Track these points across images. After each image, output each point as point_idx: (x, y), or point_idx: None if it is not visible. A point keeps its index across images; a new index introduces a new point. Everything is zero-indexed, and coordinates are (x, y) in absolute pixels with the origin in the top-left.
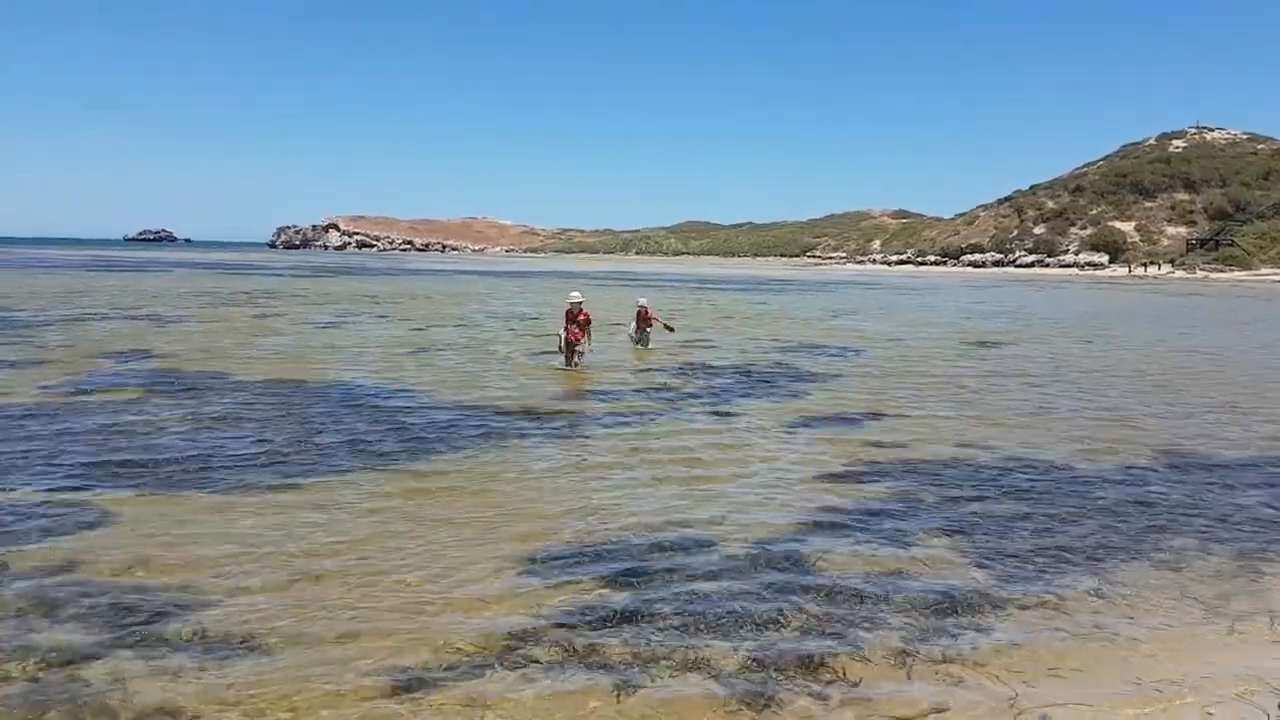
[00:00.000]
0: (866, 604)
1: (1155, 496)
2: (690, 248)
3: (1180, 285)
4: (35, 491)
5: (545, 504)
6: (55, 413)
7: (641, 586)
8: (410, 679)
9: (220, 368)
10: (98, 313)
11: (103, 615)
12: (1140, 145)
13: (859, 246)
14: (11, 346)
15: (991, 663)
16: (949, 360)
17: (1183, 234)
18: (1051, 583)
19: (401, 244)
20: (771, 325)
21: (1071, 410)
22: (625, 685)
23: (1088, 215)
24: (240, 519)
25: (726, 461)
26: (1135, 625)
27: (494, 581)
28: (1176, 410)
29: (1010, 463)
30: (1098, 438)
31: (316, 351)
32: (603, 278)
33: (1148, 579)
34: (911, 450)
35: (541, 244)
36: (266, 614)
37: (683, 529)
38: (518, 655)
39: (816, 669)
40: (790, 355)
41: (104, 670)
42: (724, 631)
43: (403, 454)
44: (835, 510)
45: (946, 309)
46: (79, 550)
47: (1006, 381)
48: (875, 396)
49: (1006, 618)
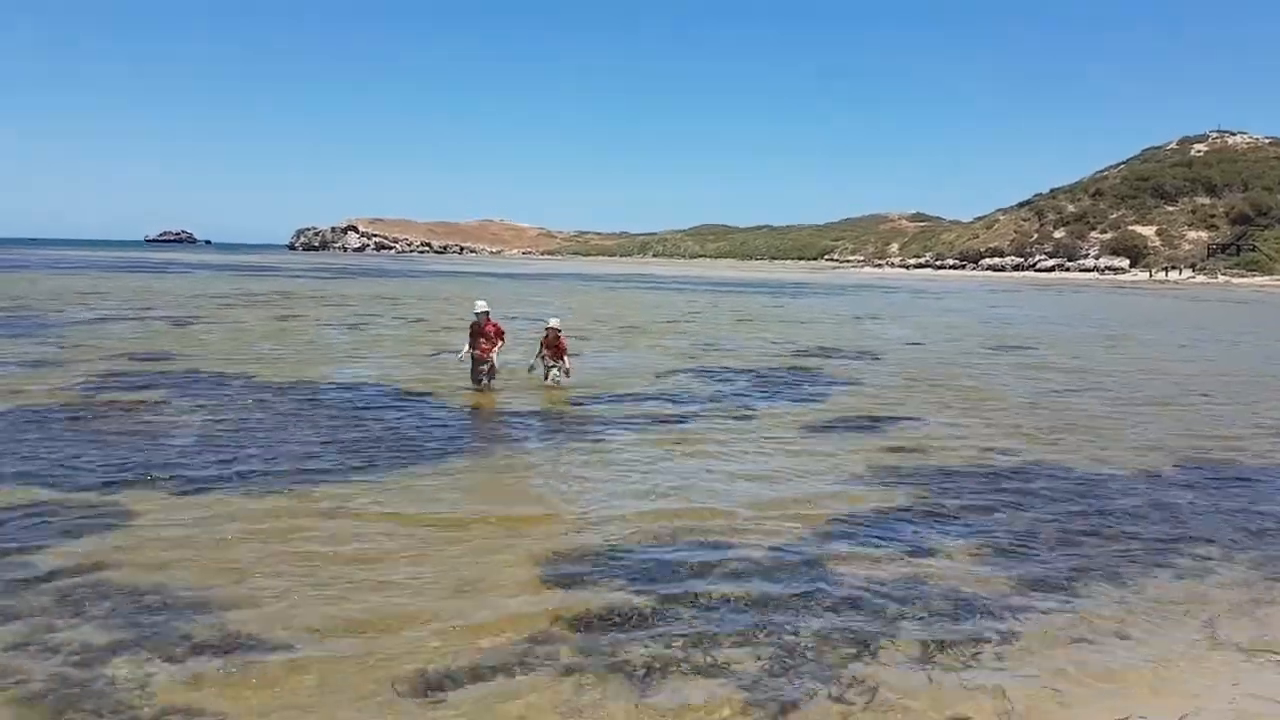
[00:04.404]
0: (886, 610)
1: (1181, 505)
2: (707, 250)
3: (1203, 290)
4: (58, 492)
5: (563, 507)
6: (76, 413)
7: (660, 590)
8: (430, 681)
9: (240, 369)
10: (118, 313)
11: (125, 615)
12: (1161, 149)
13: (877, 250)
14: (33, 347)
15: (1014, 670)
16: (969, 365)
17: (1204, 238)
18: (1075, 592)
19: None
20: (790, 328)
21: (1095, 416)
22: (644, 689)
23: (1108, 219)
24: (261, 520)
25: (745, 465)
26: (1159, 635)
27: (513, 584)
28: (1204, 419)
29: (1032, 469)
30: (1122, 444)
31: (336, 353)
32: (620, 280)
33: (1172, 589)
34: (931, 456)
35: (558, 246)
36: (288, 615)
37: (701, 533)
38: (537, 658)
39: (836, 675)
40: (809, 359)
41: (126, 670)
42: (743, 636)
43: (422, 456)
44: (854, 515)
45: (966, 313)
46: (101, 551)
47: (1028, 387)
48: (895, 401)
49: (1029, 626)
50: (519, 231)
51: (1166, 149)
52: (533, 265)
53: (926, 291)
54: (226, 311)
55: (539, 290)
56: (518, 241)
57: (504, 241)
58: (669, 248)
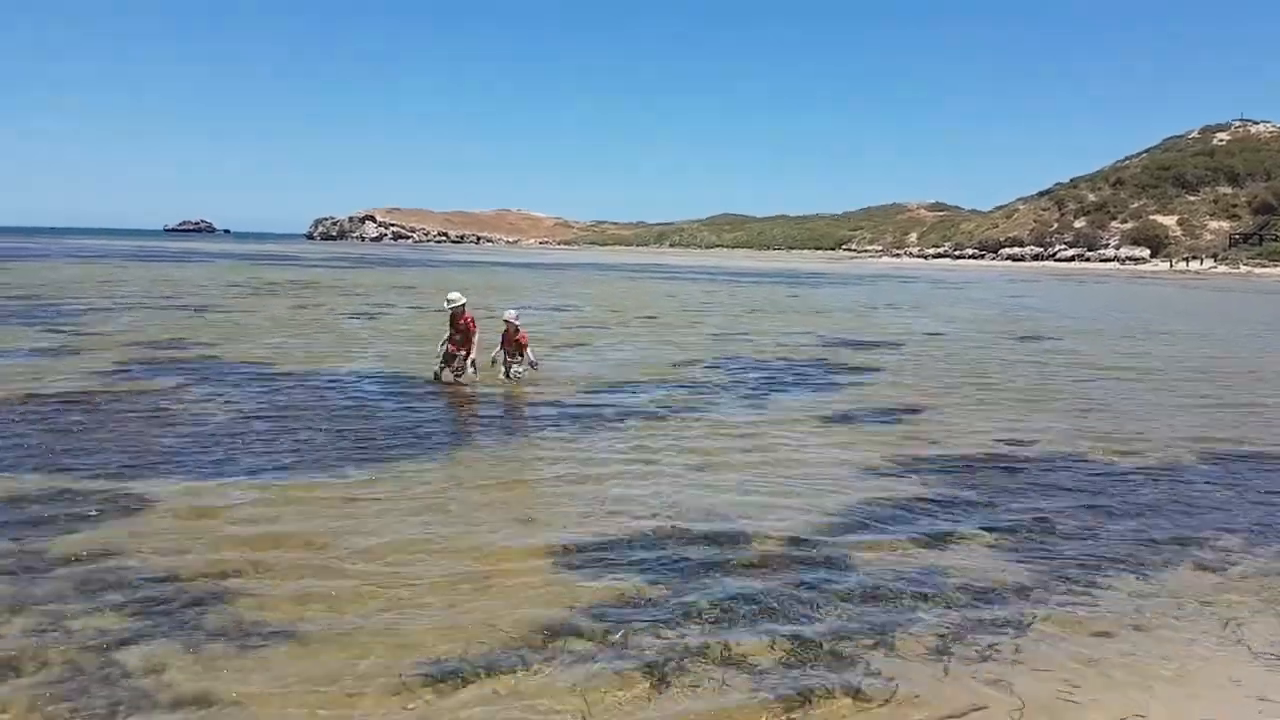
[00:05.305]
0: (903, 601)
1: (1200, 497)
2: (724, 240)
3: (1226, 280)
4: (75, 478)
5: (580, 495)
6: (94, 400)
7: (675, 581)
8: (446, 669)
9: (259, 357)
10: (137, 302)
11: (140, 602)
12: (1183, 138)
13: (895, 240)
14: (53, 334)
15: (1031, 662)
16: (989, 355)
17: (1225, 228)
18: (1094, 582)
19: (436, 235)
20: (808, 319)
21: (1117, 407)
22: (660, 679)
23: (1129, 209)
24: (277, 508)
25: (763, 455)
26: (1179, 627)
27: (529, 572)
28: (1228, 408)
29: (1052, 460)
30: (1145, 436)
31: (355, 342)
32: (637, 270)
33: (1191, 580)
34: (950, 446)
35: (575, 236)
36: (303, 603)
37: (718, 523)
38: (553, 646)
39: (853, 666)
40: (828, 349)
41: (141, 657)
42: (759, 627)
43: (440, 445)
44: (872, 506)
45: (986, 303)
46: (118, 537)
47: (1048, 377)
48: (914, 391)
49: (1047, 617)
50: (536, 221)
51: (1188, 138)
52: (549, 255)
53: (945, 281)
54: (245, 300)
55: (556, 280)
56: (534, 231)
57: (521, 231)
58: (686, 238)
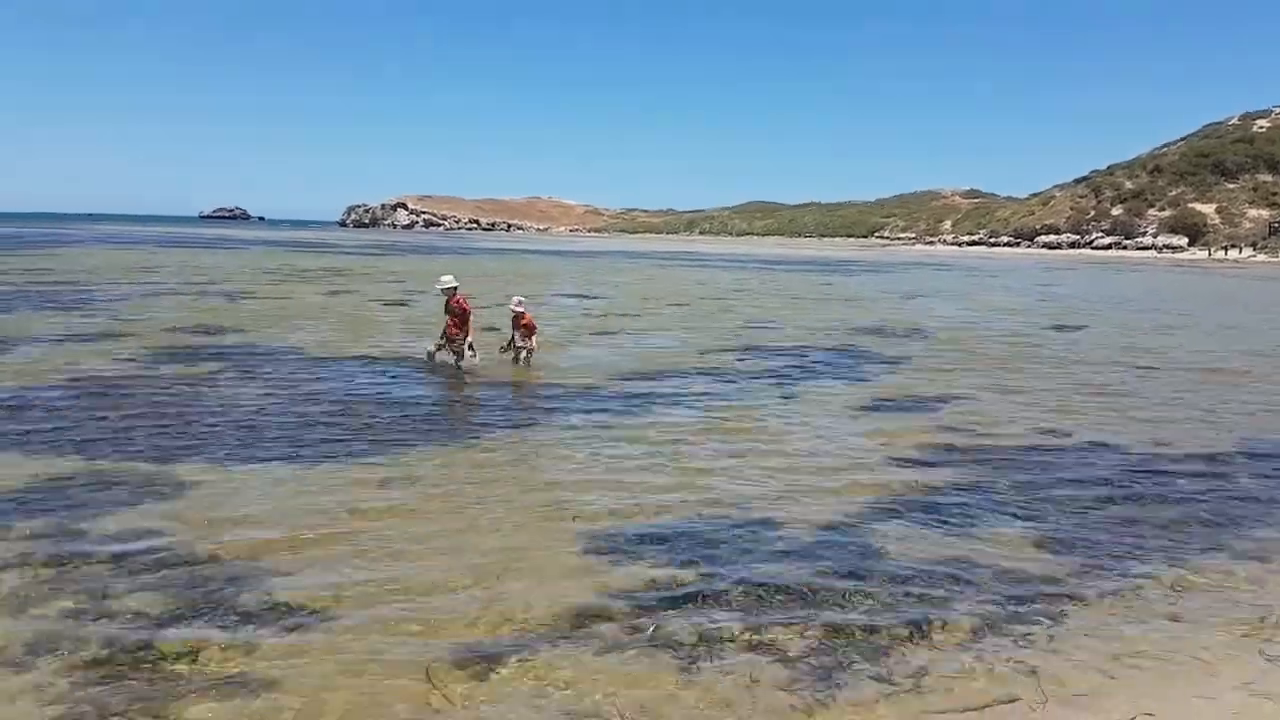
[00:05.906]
0: (935, 590)
1: (1238, 487)
2: (754, 228)
3: (1266, 269)
4: (112, 462)
5: (610, 482)
6: (131, 385)
7: (708, 567)
8: (479, 653)
9: (293, 343)
10: (172, 288)
11: (177, 584)
12: (1223, 125)
13: (929, 227)
14: (90, 320)
15: (1065, 653)
16: (1024, 344)
17: (1265, 216)
18: (1129, 573)
19: (468, 223)
20: (840, 307)
21: (1152, 397)
22: (692, 664)
23: (1167, 196)
24: (312, 492)
25: (794, 443)
26: (1214, 618)
27: (560, 558)
28: (1259, 401)
29: (1086, 450)
30: (1179, 425)
31: (387, 329)
32: (667, 258)
33: (1228, 571)
34: (984, 436)
35: (605, 224)
36: (339, 586)
37: (749, 510)
38: (585, 632)
39: (884, 654)
40: (860, 337)
41: (178, 639)
42: (790, 614)
43: (471, 432)
44: (905, 494)
45: (1021, 291)
46: (155, 520)
47: (1082, 367)
48: (947, 380)
49: (1081, 607)
50: (566, 209)
51: (1228, 124)
52: (580, 242)
53: (980, 269)
54: (279, 287)
55: (587, 268)
56: (565, 219)
57: (551, 219)
58: (716, 225)
